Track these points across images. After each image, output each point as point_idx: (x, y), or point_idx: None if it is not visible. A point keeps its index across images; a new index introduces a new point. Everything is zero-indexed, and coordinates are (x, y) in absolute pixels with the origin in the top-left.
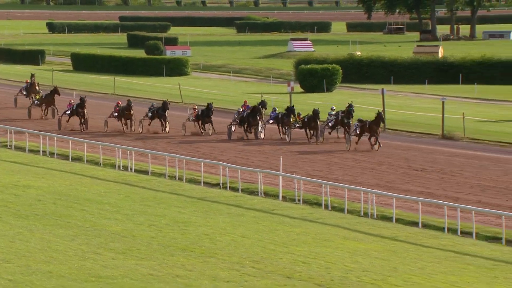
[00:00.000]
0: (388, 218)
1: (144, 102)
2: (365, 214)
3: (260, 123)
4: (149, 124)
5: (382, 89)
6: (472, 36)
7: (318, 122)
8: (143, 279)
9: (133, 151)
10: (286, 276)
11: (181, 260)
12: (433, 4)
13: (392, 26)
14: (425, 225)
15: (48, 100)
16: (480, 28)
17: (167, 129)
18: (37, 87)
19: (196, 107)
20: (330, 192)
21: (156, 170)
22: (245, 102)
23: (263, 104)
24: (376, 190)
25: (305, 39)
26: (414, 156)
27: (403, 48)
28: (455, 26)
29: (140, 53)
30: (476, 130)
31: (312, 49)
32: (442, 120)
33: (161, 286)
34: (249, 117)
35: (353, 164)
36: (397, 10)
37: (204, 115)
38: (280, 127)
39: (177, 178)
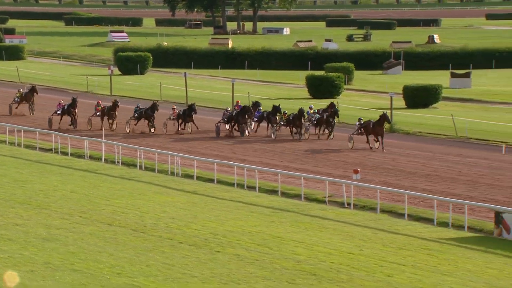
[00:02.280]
0: (190, 176)
1: None
2: (172, 173)
3: (248, 122)
4: (135, 125)
5: (185, 73)
6: (254, 31)
7: (303, 121)
8: None
9: None
10: (108, 223)
11: (20, 211)
12: (224, 5)
13: (192, 22)
14: (220, 182)
15: (29, 97)
16: (260, 25)
17: (152, 130)
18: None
19: (175, 107)
20: (144, 155)
21: None
22: (238, 102)
23: (257, 104)
24: (181, 154)
25: (122, 31)
26: (213, 127)
27: (200, 40)
28: (241, 23)
29: None
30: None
31: (128, 40)
32: (232, 97)
33: (3, 233)
34: (239, 115)
35: (162, 135)
36: (196, 9)
37: (186, 114)
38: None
39: (16, 144)
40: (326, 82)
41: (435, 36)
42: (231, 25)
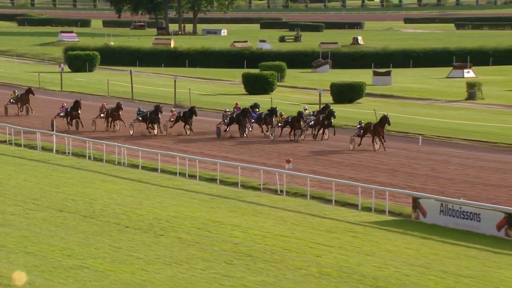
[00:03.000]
0: (135, 166)
1: None
2: (119, 163)
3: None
4: (146, 128)
5: (130, 70)
6: (194, 32)
7: (302, 122)
8: None
9: None
10: (59, 209)
11: None
12: (166, 8)
13: (137, 24)
14: (163, 171)
15: (24, 99)
16: (200, 27)
17: (155, 131)
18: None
19: (173, 109)
20: (93, 147)
21: None
22: (237, 104)
23: (256, 106)
24: (127, 145)
25: (71, 32)
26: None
27: (144, 40)
28: (182, 25)
29: None
30: (198, 100)
31: (77, 39)
32: (174, 93)
33: None
34: (240, 117)
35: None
36: (140, 12)
37: (187, 116)
38: (262, 126)
39: None
40: (260, 79)
41: (359, 37)
42: (173, 27)
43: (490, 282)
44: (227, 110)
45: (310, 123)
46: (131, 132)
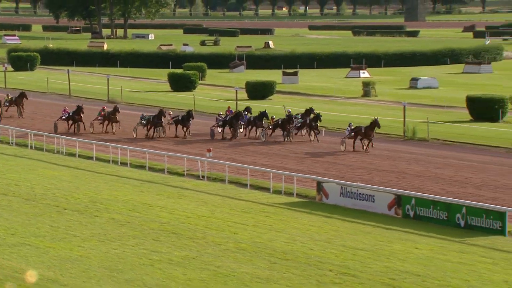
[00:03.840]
0: (73, 155)
1: None
2: (58, 152)
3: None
4: (147, 131)
5: (68, 70)
6: (125, 36)
7: (291, 125)
8: None
9: None
10: (3, 194)
11: None
12: (99, 15)
13: (73, 28)
14: (98, 159)
15: (18, 102)
16: (130, 31)
17: (156, 134)
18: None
19: (171, 113)
20: (35, 138)
21: None
22: (229, 107)
23: (248, 109)
24: (65, 136)
25: (14, 35)
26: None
27: (80, 43)
28: (114, 30)
29: None
30: (128, 97)
31: (19, 42)
32: (108, 90)
33: None
34: (233, 119)
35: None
36: (76, 18)
37: (185, 120)
38: (251, 129)
39: None
40: (184, 78)
41: (270, 42)
42: (106, 31)
43: (382, 254)
44: (221, 113)
45: (297, 125)
46: (135, 135)
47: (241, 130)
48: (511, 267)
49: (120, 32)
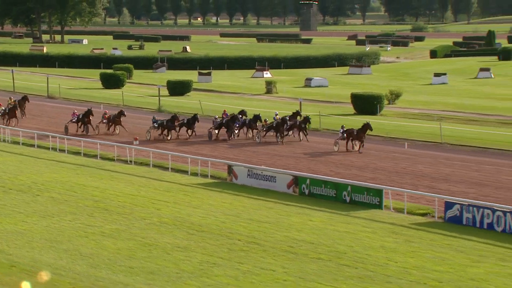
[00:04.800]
0: (17, 143)
1: None
2: (4, 141)
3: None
4: (159, 134)
5: (12, 70)
6: (62, 41)
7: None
8: None
9: None
10: None
11: None
12: (39, 22)
13: (16, 34)
14: (39, 146)
15: (21, 105)
16: (66, 37)
17: (168, 137)
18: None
19: (217, 117)
20: None
21: None
22: (224, 111)
23: (243, 112)
24: (9, 127)
25: None
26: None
27: (23, 46)
28: (53, 35)
29: None
30: (66, 93)
31: None
32: (47, 87)
33: None
34: (229, 122)
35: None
36: (19, 25)
37: (190, 123)
38: (248, 131)
39: None
40: (114, 77)
41: (187, 47)
42: (45, 37)
43: (282, 226)
44: (217, 117)
45: (287, 127)
46: (148, 137)
47: (236, 132)
48: (387, 235)
49: (58, 37)
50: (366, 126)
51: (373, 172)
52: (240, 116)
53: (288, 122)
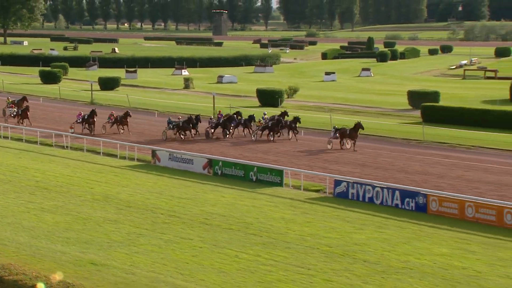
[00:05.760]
0: None
1: None
2: None
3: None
4: (175, 134)
5: None
6: (5, 43)
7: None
8: None
9: None
10: None
11: None
12: None
13: None
14: None
15: (20, 105)
16: (9, 39)
17: (183, 137)
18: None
19: (180, 117)
20: None
21: None
22: (220, 111)
23: (239, 113)
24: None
25: None
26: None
27: None
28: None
29: None
30: (10, 87)
31: None
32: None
33: None
34: (226, 122)
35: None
36: None
37: (194, 123)
38: (244, 129)
39: None
40: (51, 74)
41: (116, 48)
42: None
43: (199, 201)
44: (212, 117)
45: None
46: (164, 138)
47: (231, 131)
48: (286, 208)
49: (0, 39)
50: (358, 126)
51: (276, 156)
52: (236, 116)
53: (282, 122)
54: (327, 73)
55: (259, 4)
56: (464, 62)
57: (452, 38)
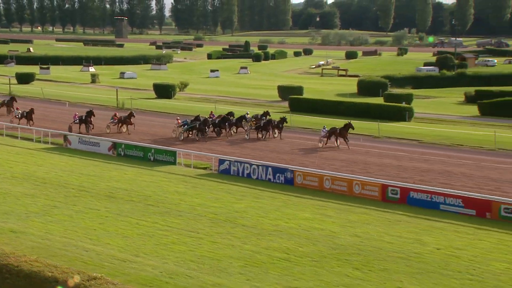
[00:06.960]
0: None
1: None
2: None
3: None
4: (188, 135)
5: None
6: None
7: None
8: None
9: None
10: None
11: None
12: None
13: None
14: None
15: (9, 104)
16: None
17: (197, 137)
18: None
19: (178, 118)
20: None
21: None
22: (211, 112)
23: (231, 114)
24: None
25: None
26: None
27: None
28: None
29: None
30: None
31: None
32: None
33: None
34: (221, 122)
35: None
36: None
37: (199, 126)
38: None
39: None
40: None
41: (31, 48)
42: None
43: (105, 178)
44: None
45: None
46: (181, 138)
47: (227, 130)
48: (179, 183)
49: None
50: (348, 126)
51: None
52: (232, 117)
53: (273, 122)
54: (212, 71)
55: (154, 12)
56: (322, 62)
57: (312, 43)
